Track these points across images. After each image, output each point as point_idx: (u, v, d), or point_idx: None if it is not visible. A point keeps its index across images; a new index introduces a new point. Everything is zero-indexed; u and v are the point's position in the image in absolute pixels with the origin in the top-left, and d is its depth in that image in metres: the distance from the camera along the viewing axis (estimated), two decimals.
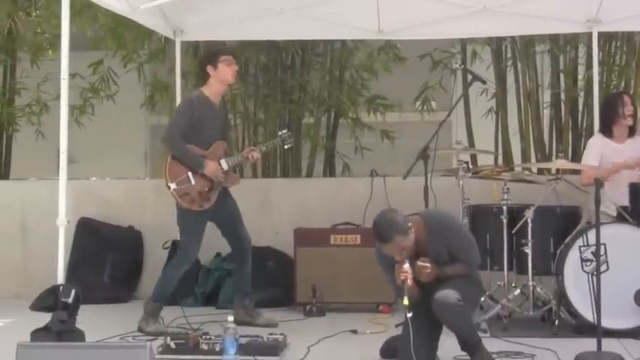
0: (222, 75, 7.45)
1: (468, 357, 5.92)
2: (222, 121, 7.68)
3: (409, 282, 5.70)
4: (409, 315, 5.68)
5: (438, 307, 5.75)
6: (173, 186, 7.24)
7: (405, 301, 5.65)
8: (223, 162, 7.44)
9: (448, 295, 5.74)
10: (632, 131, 7.87)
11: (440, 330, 5.98)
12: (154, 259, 9.01)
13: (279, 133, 7.97)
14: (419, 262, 5.78)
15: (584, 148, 8.40)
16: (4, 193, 9.77)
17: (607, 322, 6.45)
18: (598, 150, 7.84)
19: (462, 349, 5.95)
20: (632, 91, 9.58)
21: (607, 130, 7.90)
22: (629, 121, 7.81)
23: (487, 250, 7.52)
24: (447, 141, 8.96)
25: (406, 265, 5.73)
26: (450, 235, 5.97)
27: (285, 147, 8.02)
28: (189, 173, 7.28)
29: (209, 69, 7.43)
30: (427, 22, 8.71)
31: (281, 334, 6.54)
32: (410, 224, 5.79)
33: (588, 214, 7.35)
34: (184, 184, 7.26)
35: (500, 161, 9.98)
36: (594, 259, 6.46)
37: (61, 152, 6.65)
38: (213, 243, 8.04)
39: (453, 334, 5.91)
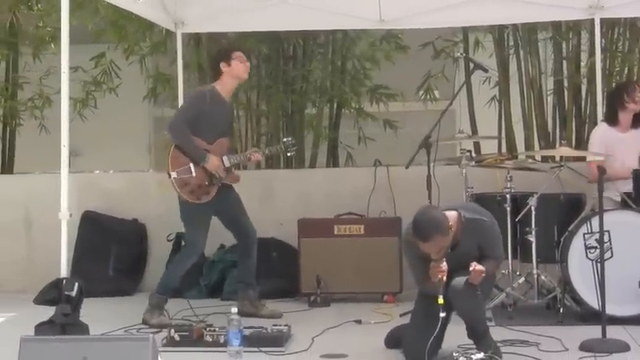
0: (236, 71, 7.47)
1: (473, 345, 5.91)
2: (229, 118, 7.74)
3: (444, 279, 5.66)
4: (442, 315, 5.63)
5: (454, 292, 5.72)
6: (174, 175, 7.24)
7: (440, 300, 5.59)
8: (225, 159, 7.44)
9: (463, 282, 5.71)
10: (636, 122, 7.83)
11: (447, 323, 5.97)
12: (158, 252, 9.02)
13: (284, 140, 8.02)
14: (476, 268, 5.67)
15: (587, 135, 8.40)
16: (8, 188, 9.78)
17: (611, 309, 6.48)
18: (601, 139, 7.83)
19: (469, 336, 5.94)
20: (635, 78, 9.58)
21: (612, 118, 7.88)
22: (638, 107, 7.77)
23: None
24: (450, 130, 8.95)
25: (444, 264, 5.65)
26: (485, 234, 5.92)
27: (288, 154, 8.17)
28: (191, 164, 7.28)
29: (222, 66, 7.44)
30: (428, 11, 8.69)
31: (285, 325, 6.53)
32: (450, 223, 5.69)
33: (592, 201, 7.33)
34: (185, 174, 7.26)
35: (503, 148, 9.96)
36: (598, 246, 6.44)
37: (62, 146, 6.66)
38: (216, 235, 8.03)
39: (459, 323, 5.91)
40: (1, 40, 10.44)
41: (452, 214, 5.79)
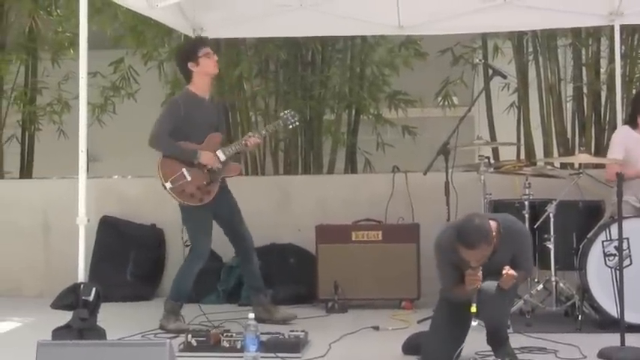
0: (205, 69, 7.41)
1: (491, 352, 5.89)
2: (215, 115, 7.59)
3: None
4: (475, 323, 5.61)
5: (485, 296, 5.68)
6: (169, 185, 7.21)
7: (474, 309, 5.59)
8: (220, 152, 7.38)
9: (493, 287, 5.69)
10: None
11: (468, 329, 5.95)
12: (175, 257, 8.99)
13: (281, 113, 7.89)
14: (509, 272, 5.66)
15: (607, 142, 8.35)
16: (27, 192, 9.81)
17: (630, 317, 6.46)
18: (621, 142, 7.77)
19: (489, 342, 5.92)
20: None
21: (633, 121, 7.84)
22: None
23: None
24: (469, 136, 8.93)
25: (480, 272, 5.64)
26: (521, 246, 5.90)
27: (290, 127, 7.89)
28: (184, 169, 7.24)
29: (191, 66, 7.38)
30: (447, 17, 8.67)
31: (302, 331, 6.53)
32: (493, 233, 5.66)
33: (611, 208, 7.30)
34: (180, 181, 7.23)
35: (522, 154, 9.93)
36: (617, 254, 6.40)
37: (80, 151, 6.69)
38: None
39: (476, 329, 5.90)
40: (21, 45, 10.49)
41: (493, 224, 5.75)
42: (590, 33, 9.69)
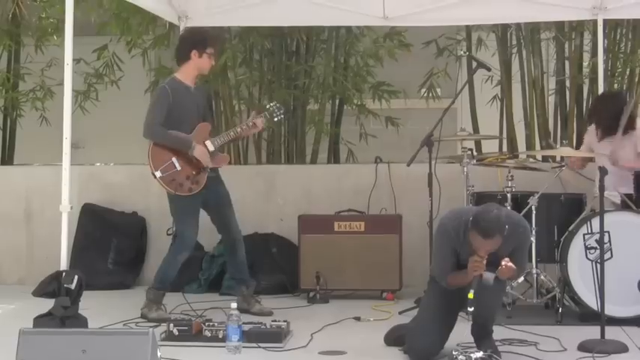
0: (203, 65, 7.38)
1: (472, 344, 5.92)
2: (202, 103, 7.57)
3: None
4: (471, 310, 5.63)
5: (482, 283, 5.70)
6: (158, 174, 7.18)
7: (471, 295, 5.60)
8: (209, 143, 7.36)
9: (492, 277, 5.71)
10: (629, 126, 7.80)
11: (456, 319, 6.01)
12: (157, 246, 9.01)
13: (268, 105, 7.84)
14: (508, 264, 5.68)
15: None
16: (9, 179, 9.78)
17: (611, 310, 6.49)
18: (587, 143, 7.93)
19: (473, 332, 5.97)
20: (637, 79, 9.59)
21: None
22: None
23: None
24: (451, 128, 8.95)
25: (484, 261, 5.66)
26: (522, 243, 5.92)
27: (275, 119, 7.84)
28: (174, 159, 7.22)
29: (193, 54, 7.33)
30: (432, 9, 8.68)
31: (284, 321, 6.53)
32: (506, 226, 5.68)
33: (592, 202, 7.34)
34: (170, 170, 7.21)
35: (504, 147, 9.96)
36: (598, 247, 6.44)
37: (64, 138, 6.66)
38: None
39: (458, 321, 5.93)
40: (4, 31, 10.43)
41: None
42: (573, 27, 9.72)
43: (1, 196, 9.55)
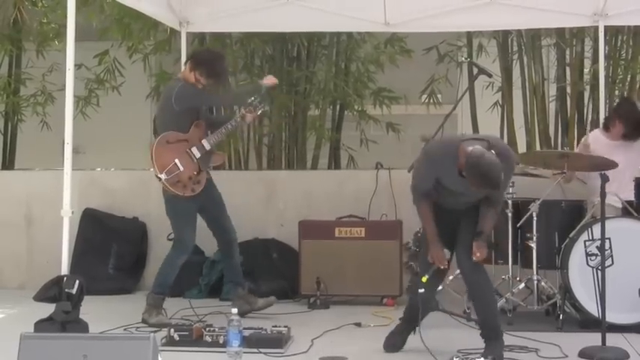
0: (188, 77, 7.36)
1: (473, 350, 5.93)
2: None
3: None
4: (421, 291, 5.91)
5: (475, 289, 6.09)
6: (163, 176, 7.17)
7: (425, 279, 5.94)
8: (205, 142, 7.39)
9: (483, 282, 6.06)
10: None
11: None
12: (158, 251, 9.00)
13: (249, 100, 7.62)
14: (479, 252, 5.92)
15: None
16: (9, 184, 9.77)
17: (611, 317, 6.48)
18: (592, 148, 7.86)
19: (481, 335, 6.07)
20: (638, 86, 9.60)
21: (606, 126, 7.90)
22: None
23: (492, 244, 7.50)
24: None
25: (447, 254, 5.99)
26: (508, 171, 5.92)
27: (259, 113, 7.70)
28: (176, 160, 7.22)
29: (190, 67, 7.35)
30: (433, 15, 8.69)
31: (285, 327, 6.53)
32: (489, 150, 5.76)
33: (593, 209, 7.33)
34: (174, 171, 7.21)
35: None
36: (599, 254, 6.44)
37: (65, 143, 6.66)
38: None
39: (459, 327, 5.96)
40: (5, 36, 10.44)
41: (482, 142, 5.84)
42: (574, 33, 9.73)
43: (2, 201, 9.54)
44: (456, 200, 6.09)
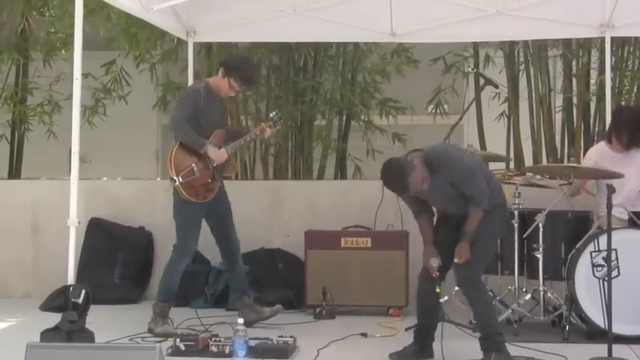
0: (221, 85, 7.42)
1: None
2: (222, 113, 7.73)
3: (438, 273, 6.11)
4: (441, 300, 6.15)
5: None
6: (179, 180, 7.21)
7: (438, 289, 6.10)
8: (223, 150, 7.40)
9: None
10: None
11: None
12: (164, 260, 8.88)
13: (271, 114, 7.90)
14: (461, 254, 6.03)
15: None
16: (16, 192, 9.77)
17: (618, 328, 6.47)
18: (591, 157, 7.86)
19: (482, 348, 6.12)
20: None
21: (608, 137, 7.89)
22: None
23: (498, 255, 7.51)
24: (458, 144, 8.91)
25: (437, 263, 6.09)
26: (450, 170, 6.06)
27: (277, 127, 7.91)
28: (194, 165, 7.23)
29: (221, 73, 7.40)
30: (440, 26, 8.69)
31: (291, 337, 6.53)
32: (410, 158, 5.99)
33: (599, 220, 7.33)
34: (189, 176, 7.22)
35: (511, 164, 9.95)
36: (605, 265, 6.44)
37: (72, 152, 6.67)
38: None
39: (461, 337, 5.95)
40: (12, 45, 10.45)
41: (416, 153, 6.10)
42: (580, 44, 9.74)
43: (8, 209, 9.54)
44: (445, 206, 6.31)
